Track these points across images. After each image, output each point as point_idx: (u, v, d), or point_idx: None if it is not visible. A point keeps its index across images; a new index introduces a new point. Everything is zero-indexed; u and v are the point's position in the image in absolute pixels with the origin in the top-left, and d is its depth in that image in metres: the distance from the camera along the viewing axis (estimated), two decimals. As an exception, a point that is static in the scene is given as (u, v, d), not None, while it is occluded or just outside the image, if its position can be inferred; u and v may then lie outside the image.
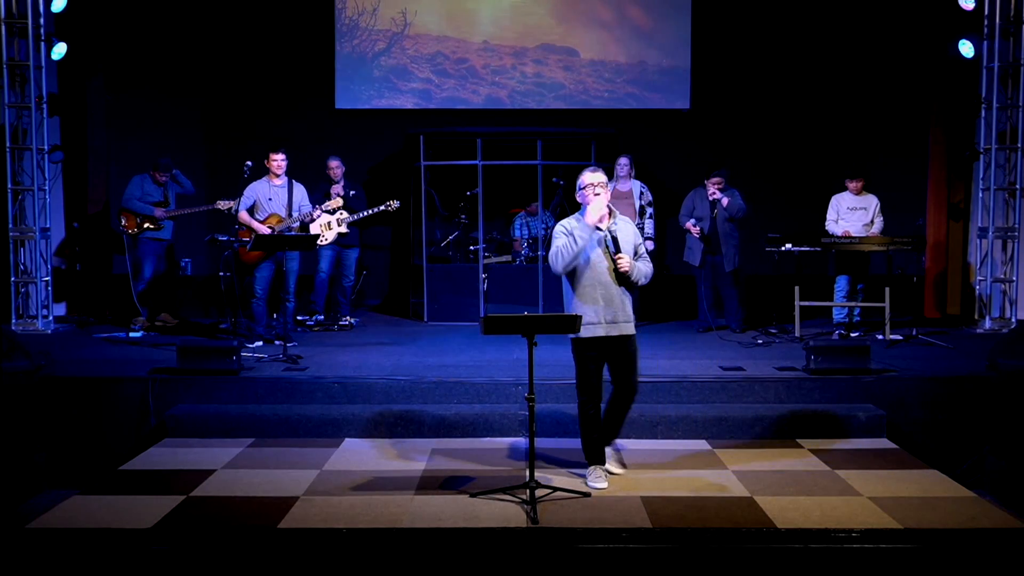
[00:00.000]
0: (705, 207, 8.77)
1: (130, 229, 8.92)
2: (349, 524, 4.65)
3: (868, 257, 8.63)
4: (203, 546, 4.49)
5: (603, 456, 5.32)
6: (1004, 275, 9.14)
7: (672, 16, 10.63)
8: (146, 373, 6.64)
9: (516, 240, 10.11)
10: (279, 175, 8.18)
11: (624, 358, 5.22)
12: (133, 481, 5.37)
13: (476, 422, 6.27)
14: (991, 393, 6.38)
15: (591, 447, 5.29)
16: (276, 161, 8.15)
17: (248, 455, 5.87)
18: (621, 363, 5.23)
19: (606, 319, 5.10)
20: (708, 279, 8.88)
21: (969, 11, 8.90)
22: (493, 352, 7.68)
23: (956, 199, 9.68)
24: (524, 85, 10.70)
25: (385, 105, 10.76)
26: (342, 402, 6.52)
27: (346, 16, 10.71)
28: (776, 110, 10.53)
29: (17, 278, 9.16)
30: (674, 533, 4.55)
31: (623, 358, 5.22)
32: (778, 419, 6.26)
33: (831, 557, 4.43)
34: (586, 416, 5.25)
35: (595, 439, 5.29)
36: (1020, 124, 9.02)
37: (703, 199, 8.81)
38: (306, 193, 8.32)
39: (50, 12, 9.08)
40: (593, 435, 5.28)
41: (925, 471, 5.58)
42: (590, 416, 5.25)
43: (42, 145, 9.16)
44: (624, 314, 5.16)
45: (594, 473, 5.24)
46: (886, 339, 8.17)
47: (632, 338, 5.21)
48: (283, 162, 8.16)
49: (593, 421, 5.26)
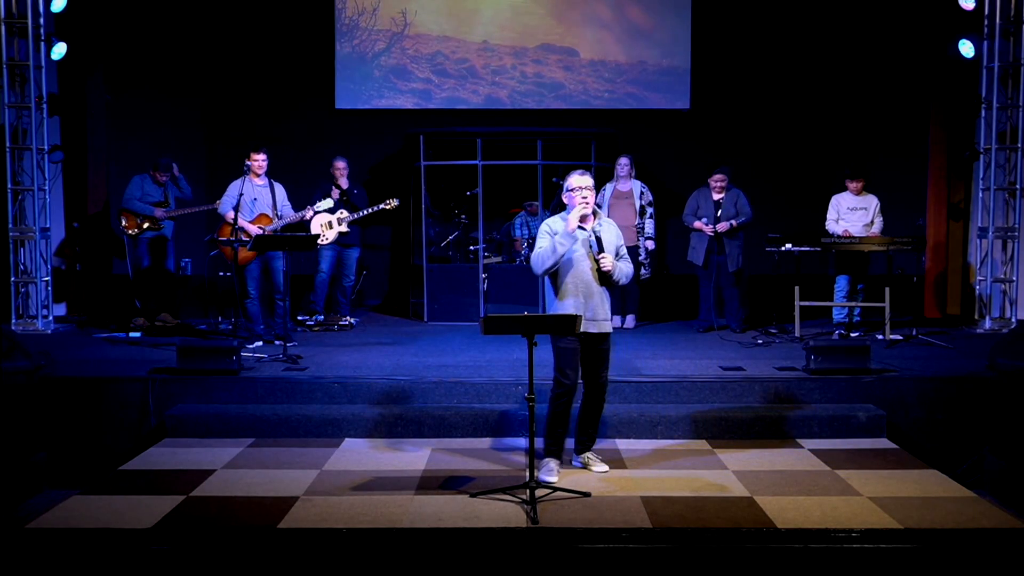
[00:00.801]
0: (709, 207, 8.77)
1: (130, 230, 8.93)
2: (349, 524, 4.64)
3: (868, 257, 8.63)
4: (203, 546, 4.49)
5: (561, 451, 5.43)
6: (1004, 275, 9.14)
7: (672, 16, 10.63)
8: (146, 373, 6.64)
9: (516, 240, 10.11)
10: (260, 175, 8.16)
11: (598, 356, 5.36)
12: (133, 481, 5.37)
13: (476, 422, 6.27)
14: (991, 393, 6.37)
15: (555, 440, 5.39)
16: (258, 161, 8.11)
17: (248, 455, 5.87)
18: (595, 360, 5.36)
19: (587, 316, 5.22)
20: (711, 279, 8.88)
21: (969, 11, 8.90)
22: (493, 352, 7.68)
23: (956, 199, 9.69)
24: (524, 85, 10.70)
25: (385, 105, 10.76)
26: (342, 402, 6.52)
27: (346, 16, 10.71)
28: (776, 110, 10.53)
29: (17, 278, 9.17)
30: (674, 533, 4.55)
31: (597, 355, 5.36)
32: (778, 419, 6.26)
33: (831, 557, 4.43)
34: (557, 410, 5.33)
35: (560, 433, 5.39)
36: (1020, 124, 9.03)
37: (707, 198, 8.81)
38: (286, 193, 8.31)
39: (50, 12, 9.08)
40: (558, 429, 5.37)
41: (925, 471, 5.58)
42: (562, 411, 5.34)
43: (42, 145, 9.17)
44: (603, 312, 5.33)
45: (548, 465, 5.32)
46: (886, 339, 8.17)
47: (608, 336, 5.37)
48: (264, 162, 8.13)
49: (563, 416, 5.36)
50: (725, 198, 8.76)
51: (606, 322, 5.34)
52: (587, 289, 5.27)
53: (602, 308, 5.31)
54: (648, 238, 9.12)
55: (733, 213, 8.71)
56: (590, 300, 5.27)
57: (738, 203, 8.75)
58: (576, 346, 5.28)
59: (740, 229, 8.72)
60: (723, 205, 8.74)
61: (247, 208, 8.03)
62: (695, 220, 8.82)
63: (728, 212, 8.71)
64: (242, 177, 8.07)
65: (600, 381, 5.42)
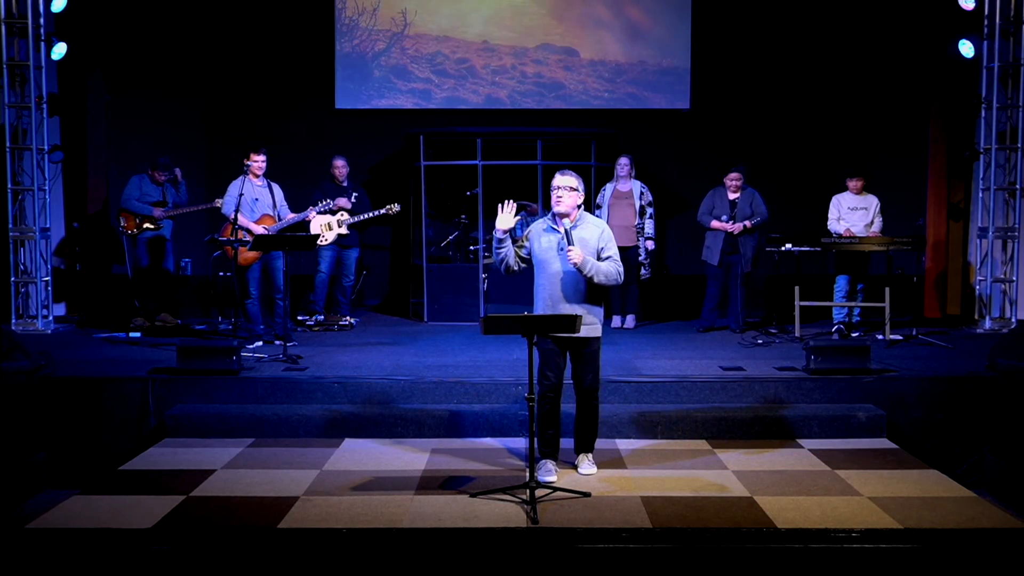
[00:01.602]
0: (725, 207, 8.77)
1: (129, 229, 8.93)
2: (349, 524, 4.64)
3: (868, 257, 8.63)
4: (203, 546, 4.49)
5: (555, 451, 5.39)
6: (1004, 275, 9.14)
7: (672, 16, 10.63)
8: (146, 373, 6.64)
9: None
10: (259, 175, 8.15)
11: (579, 360, 5.30)
12: (133, 481, 5.37)
13: (476, 422, 6.27)
14: (991, 393, 6.37)
15: (545, 441, 5.35)
16: (257, 162, 8.09)
17: (248, 455, 5.87)
18: (577, 365, 5.33)
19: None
20: (720, 279, 8.88)
21: (969, 11, 8.90)
22: (493, 352, 7.68)
23: (956, 199, 9.68)
24: (524, 85, 10.70)
25: (385, 105, 10.76)
26: (342, 402, 6.52)
27: (346, 16, 10.71)
28: (776, 110, 10.53)
29: (17, 278, 9.17)
30: (674, 533, 4.55)
31: (579, 360, 5.30)
32: (778, 419, 6.26)
33: (831, 557, 4.43)
34: (542, 411, 5.29)
35: (551, 435, 5.35)
36: (1020, 124, 9.03)
37: (723, 198, 8.81)
38: (283, 194, 8.31)
39: (50, 12, 9.08)
40: (548, 431, 5.34)
41: (925, 471, 5.58)
42: (546, 411, 5.31)
43: (42, 145, 9.17)
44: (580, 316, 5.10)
45: (545, 466, 5.30)
46: (886, 339, 8.17)
47: (589, 341, 5.25)
48: (264, 163, 8.11)
49: (549, 417, 5.32)
50: (740, 198, 8.75)
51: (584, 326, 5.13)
52: (556, 292, 5.20)
53: (578, 311, 5.14)
54: (648, 238, 9.12)
55: (748, 213, 8.70)
56: (560, 304, 5.19)
57: (753, 203, 8.74)
58: (553, 347, 5.24)
59: (755, 229, 8.71)
60: (738, 205, 8.73)
61: (249, 208, 8.02)
62: (711, 219, 8.82)
63: (743, 212, 8.70)
64: (241, 177, 8.06)
65: (584, 386, 5.36)
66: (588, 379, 5.34)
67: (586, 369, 5.32)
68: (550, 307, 5.21)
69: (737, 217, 8.69)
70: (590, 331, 5.22)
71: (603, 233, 5.30)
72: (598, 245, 5.25)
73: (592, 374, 5.34)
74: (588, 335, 5.22)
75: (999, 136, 9.10)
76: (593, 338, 5.27)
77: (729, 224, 8.67)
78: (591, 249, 5.20)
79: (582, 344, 5.25)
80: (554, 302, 5.21)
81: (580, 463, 5.50)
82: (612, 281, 5.23)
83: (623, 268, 5.33)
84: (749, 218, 8.66)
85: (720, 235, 8.76)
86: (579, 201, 5.29)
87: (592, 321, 5.23)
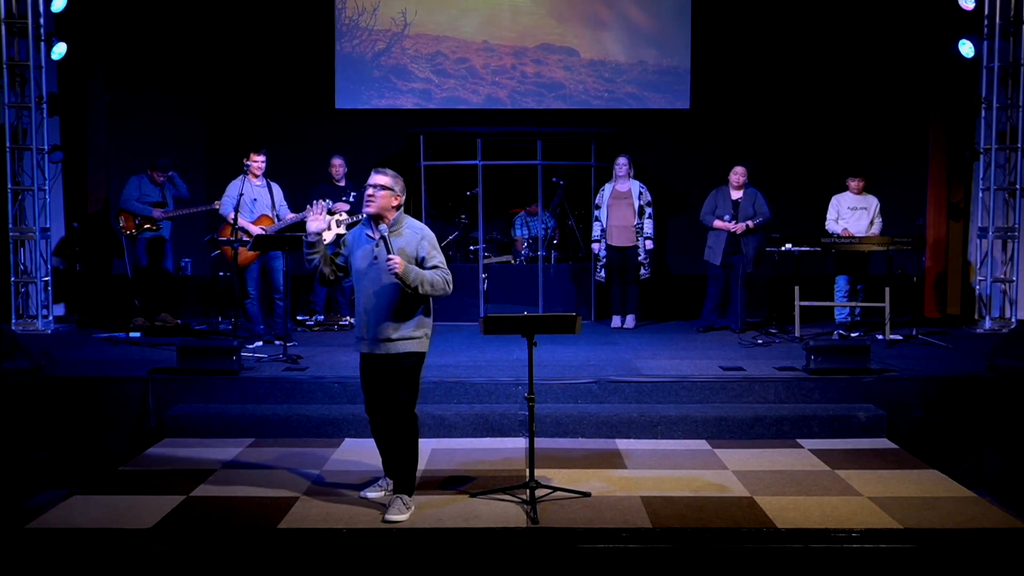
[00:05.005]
0: (728, 206, 8.76)
1: (128, 230, 8.92)
2: (349, 524, 4.65)
3: (868, 257, 8.63)
4: (203, 546, 4.49)
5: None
6: (1004, 275, 9.14)
7: (672, 16, 10.62)
8: (146, 373, 6.64)
9: (516, 240, 10.11)
10: (258, 175, 8.15)
11: (384, 378, 4.78)
12: (133, 481, 5.37)
13: (476, 422, 6.27)
14: (991, 393, 6.38)
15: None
16: (257, 162, 8.08)
17: (248, 455, 5.87)
18: (383, 383, 4.80)
19: (366, 335, 4.74)
20: (721, 279, 8.87)
21: (969, 11, 8.91)
22: (493, 352, 7.68)
23: (956, 199, 9.69)
24: (524, 85, 10.70)
25: (385, 105, 10.75)
26: (342, 402, 6.51)
27: (346, 16, 10.71)
28: (776, 110, 10.52)
29: (17, 278, 9.17)
30: (674, 533, 4.55)
31: (383, 378, 4.79)
32: (778, 419, 6.26)
33: (831, 557, 4.43)
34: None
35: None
36: (1020, 124, 9.03)
37: (726, 198, 8.81)
38: (283, 193, 8.31)
39: (50, 12, 9.08)
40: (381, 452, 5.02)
41: (925, 471, 5.58)
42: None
43: (42, 145, 9.17)
44: (393, 330, 4.70)
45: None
46: (886, 339, 8.17)
47: (398, 356, 4.71)
48: (263, 163, 8.10)
49: (379, 441, 4.98)
50: (743, 198, 8.75)
51: (392, 343, 4.68)
52: (368, 303, 4.71)
53: (390, 326, 4.67)
54: (647, 238, 9.11)
55: (751, 213, 8.69)
56: (370, 315, 4.69)
57: (756, 203, 8.74)
58: (367, 380, 4.88)
59: (758, 229, 8.70)
60: (741, 205, 8.73)
61: (248, 208, 8.01)
62: (714, 219, 8.81)
63: (746, 212, 8.70)
64: (241, 177, 8.06)
65: (388, 407, 4.79)
66: (394, 398, 4.75)
67: (392, 386, 4.74)
68: (362, 322, 4.73)
69: (740, 217, 8.69)
70: (404, 347, 4.71)
71: (423, 240, 4.76)
72: (417, 254, 4.73)
73: (407, 390, 4.76)
74: (401, 351, 4.71)
75: (999, 136, 9.10)
76: (401, 354, 4.71)
77: (732, 224, 8.66)
78: (408, 258, 4.67)
79: (390, 361, 4.72)
80: (367, 315, 4.71)
81: (390, 504, 4.74)
82: (440, 291, 4.73)
83: (451, 277, 4.82)
84: (752, 218, 8.65)
85: (723, 235, 8.75)
86: (395, 203, 4.77)
87: (403, 335, 4.70)
